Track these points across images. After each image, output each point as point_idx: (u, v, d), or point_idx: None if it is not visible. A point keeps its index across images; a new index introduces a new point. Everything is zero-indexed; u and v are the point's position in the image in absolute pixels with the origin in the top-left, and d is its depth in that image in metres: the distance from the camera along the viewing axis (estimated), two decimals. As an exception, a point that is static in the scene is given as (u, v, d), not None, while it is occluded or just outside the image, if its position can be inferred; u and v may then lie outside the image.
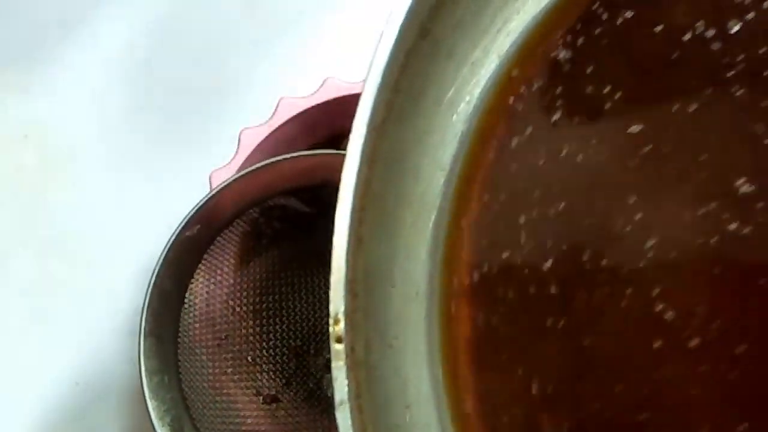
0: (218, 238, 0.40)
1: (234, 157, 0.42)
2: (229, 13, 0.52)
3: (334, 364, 0.26)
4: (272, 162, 0.38)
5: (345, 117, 0.43)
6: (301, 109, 0.42)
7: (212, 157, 0.43)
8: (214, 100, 0.51)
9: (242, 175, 0.38)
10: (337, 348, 0.26)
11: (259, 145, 0.42)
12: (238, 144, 0.42)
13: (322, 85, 0.43)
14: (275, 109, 0.43)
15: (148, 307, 0.37)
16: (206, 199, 0.38)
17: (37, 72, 0.52)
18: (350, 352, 0.26)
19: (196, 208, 0.38)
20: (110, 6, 0.53)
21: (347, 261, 0.26)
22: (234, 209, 0.40)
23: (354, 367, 0.26)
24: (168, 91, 0.52)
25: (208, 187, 0.41)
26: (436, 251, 0.30)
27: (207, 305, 0.41)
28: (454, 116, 0.31)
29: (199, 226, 0.38)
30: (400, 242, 0.30)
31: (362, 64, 0.43)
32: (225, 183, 0.38)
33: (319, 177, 0.39)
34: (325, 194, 0.40)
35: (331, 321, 0.26)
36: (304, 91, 0.43)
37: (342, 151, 0.37)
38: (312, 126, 0.44)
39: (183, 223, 0.38)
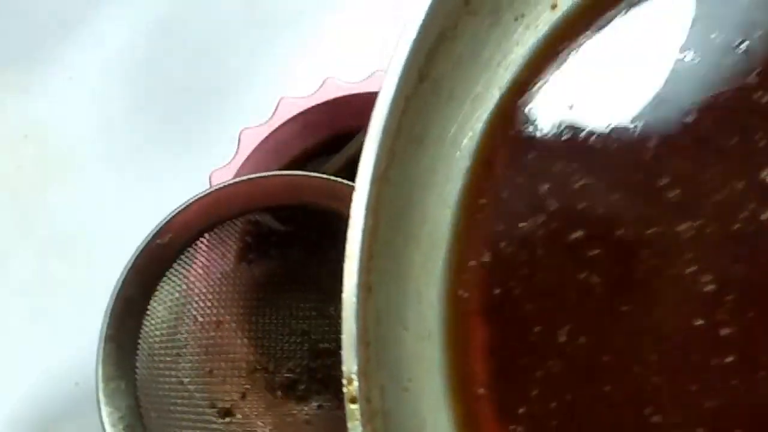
0: (188, 249, 0.40)
1: (234, 157, 0.42)
2: (228, 13, 0.52)
3: (350, 425, 0.25)
4: (249, 178, 0.38)
5: (345, 117, 0.43)
6: (301, 109, 0.42)
7: (212, 157, 0.43)
8: (214, 100, 0.51)
9: (218, 189, 0.38)
10: (352, 408, 0.25)
11: (259, 145, 0.42)
12: (238, 144, 0.42)
13: (322, 85, 0.43)
14: (275, 109, 0.43)
15: (111, 312, 0.37)
16: (180, 208, 0.38)
17: (37, 72, 0.52)
18: (365, 404, 0.26)
19: (168, 217, 0.37)
20: (110, 6, 0.53)
21: (357, 317, 0.26)
22: (207, 221, 0.39)
23: (371, 418, 0.26)
24: (168, 91, 0.52)
25: (208, 187, 0.41)
26: (444, 289, 0.30)
27: (170, 313, 0.40)
28: (458, 153, 0.30)
29: (170, 235, 0.38)
30: (410, 284, 0.29)
31: (362, 64, 0.43)
32: (201, 194, 0.38)
33: (297, 197, 0.39)
34: (301, 214, 0.40)
35: (344, 381, 0.26)
36: (304, 91, 0.43)
37: (320, 175, 0.38)
38: (312, 126, 0.44)
39: (155, 231, 0.37)
